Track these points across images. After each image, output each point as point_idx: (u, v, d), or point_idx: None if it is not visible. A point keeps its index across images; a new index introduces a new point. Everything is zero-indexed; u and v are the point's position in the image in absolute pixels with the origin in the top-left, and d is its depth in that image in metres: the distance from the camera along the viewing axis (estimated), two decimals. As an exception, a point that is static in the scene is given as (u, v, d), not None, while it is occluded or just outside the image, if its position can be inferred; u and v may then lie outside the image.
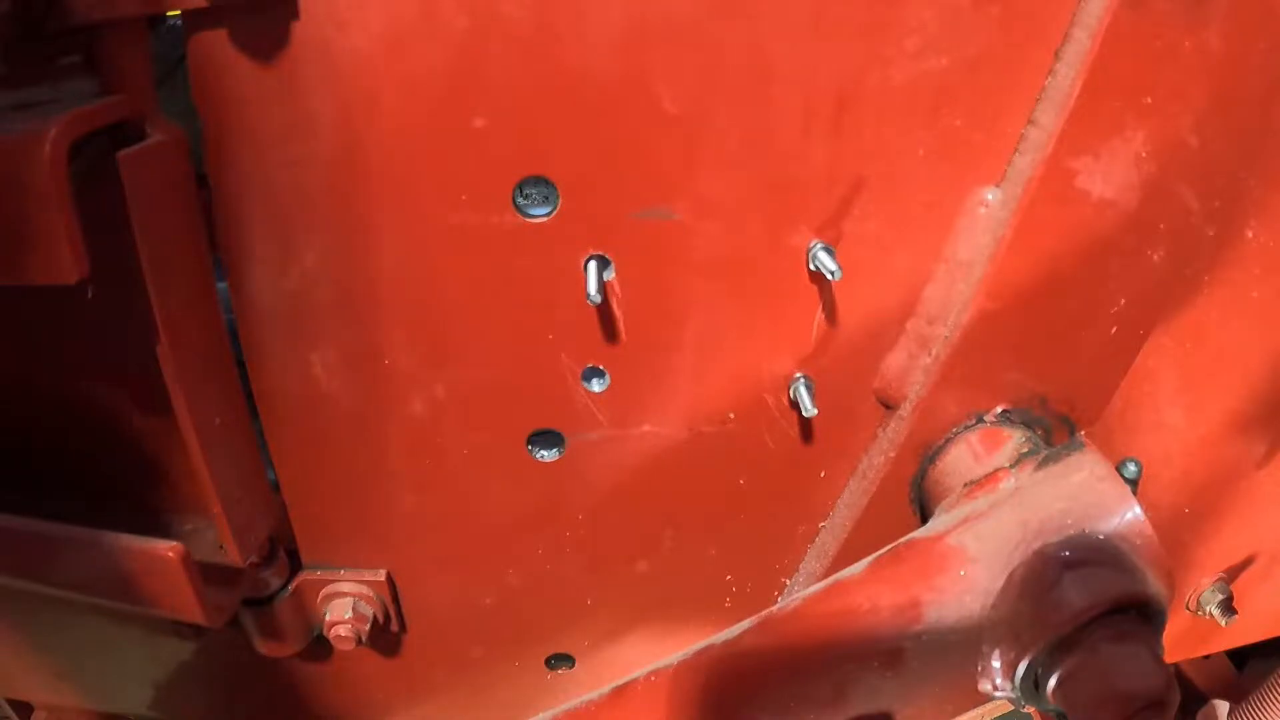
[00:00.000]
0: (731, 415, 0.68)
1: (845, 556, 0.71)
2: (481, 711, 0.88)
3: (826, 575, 0.65)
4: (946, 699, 0.64)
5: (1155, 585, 0.57)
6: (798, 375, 0.66)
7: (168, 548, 0.58)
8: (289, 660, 0.82)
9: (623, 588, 0.78)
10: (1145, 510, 0.58)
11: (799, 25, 0.54)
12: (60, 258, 0.45)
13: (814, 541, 0.76)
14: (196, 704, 0.90)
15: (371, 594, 0.76)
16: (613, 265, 0.61)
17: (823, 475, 0.72)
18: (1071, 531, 0.58)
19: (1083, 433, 0.66)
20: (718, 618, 0.78)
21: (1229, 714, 1.03)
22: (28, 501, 0.65)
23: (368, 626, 0.76)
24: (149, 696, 0.88)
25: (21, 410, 0.69)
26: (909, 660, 0.58)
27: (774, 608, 0.62)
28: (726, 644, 0.61)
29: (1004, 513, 0.60)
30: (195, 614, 0.62)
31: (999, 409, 0.66)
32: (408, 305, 0.62)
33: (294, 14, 0.52)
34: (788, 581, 0.79)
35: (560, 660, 0.84)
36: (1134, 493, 0.59)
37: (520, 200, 0.58)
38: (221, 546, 0.65)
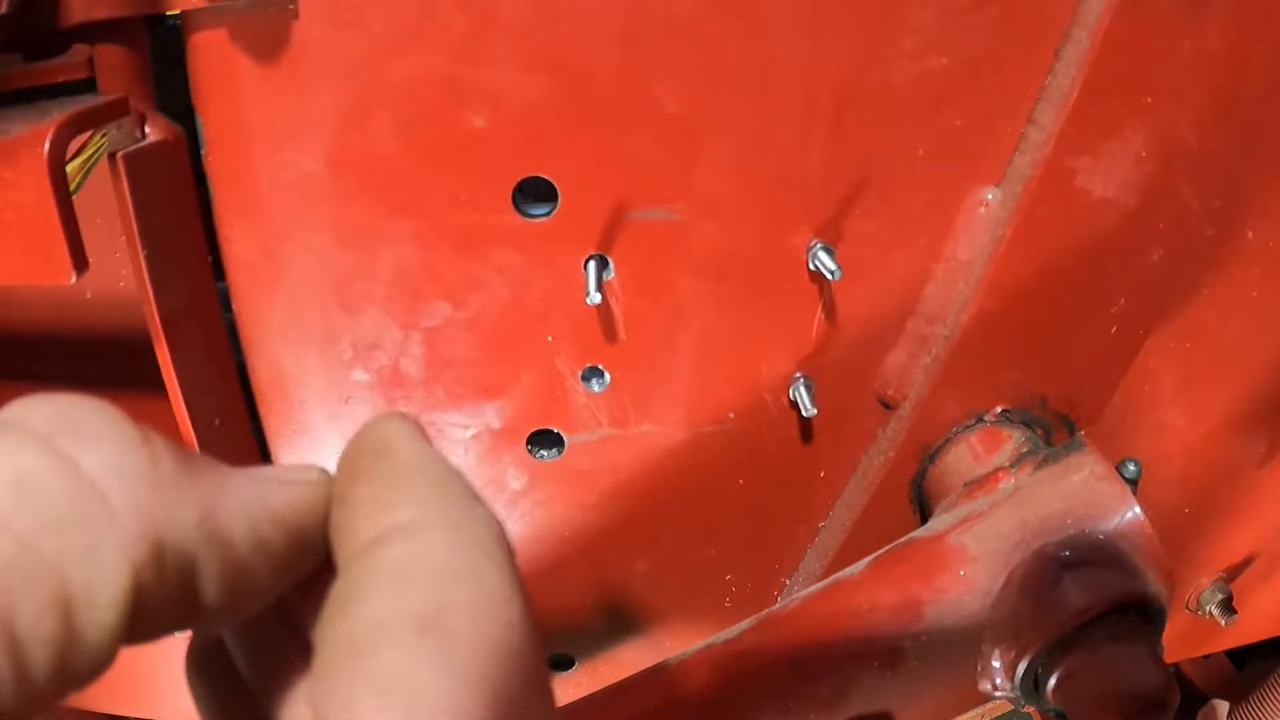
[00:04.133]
0: (731, 415, 0.68)
1: (845, 556, 0.71)
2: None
3: (826, 575, 0.65)
4: (946, 699, 0.64)
5: (1155, 585, 0.57)
6: (797, 375, 0.66)
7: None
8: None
9: (622, 588, 0.78)
10: (1145, 510, 0.58)
11: (799, 25, 0.54)
12: (60, 258, 0.45)
13: (814, 541, 0.76)
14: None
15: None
16: (612, 265, 0.61)
17: (822, 475, 0.72)
18: (1071, 531, 0.58)
19: (1083, 432, 0.66)
20: (718, 618, 0.78)
21: (1229, 714, 1.03)
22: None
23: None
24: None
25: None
26: (909, 660, 0.58)
27: (774, 607, 0.62)
28: (726, 643, 0.61)
29: (1004, 512, 0.60)
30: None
31: (999, 409, 0.66)
32: (407, 305, 0.62)
33: (294, 14, 0.52)
34: (788, 581, 0.79)
35: (559, 661, 0.84)
36: (1134, 492, 0.59)
37: (520, 200, 0.58)
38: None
